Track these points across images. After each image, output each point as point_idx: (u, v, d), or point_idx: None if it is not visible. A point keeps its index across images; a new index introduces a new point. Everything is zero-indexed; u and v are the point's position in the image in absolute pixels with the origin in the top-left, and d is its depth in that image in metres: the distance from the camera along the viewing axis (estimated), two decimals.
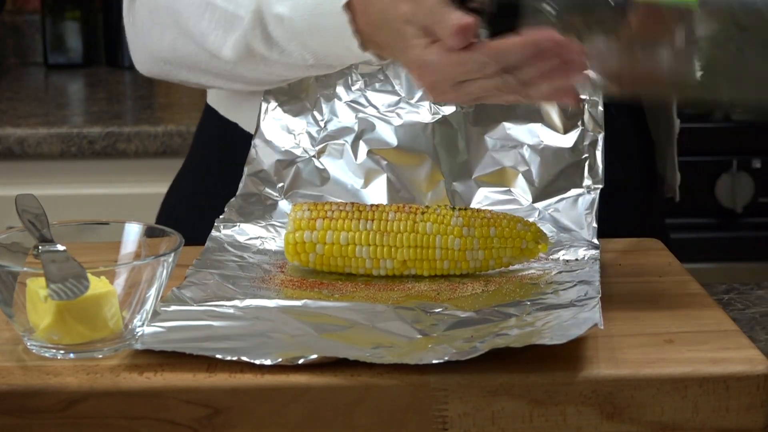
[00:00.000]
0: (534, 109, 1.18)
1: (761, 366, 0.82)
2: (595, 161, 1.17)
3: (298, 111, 1.19)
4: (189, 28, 1.12)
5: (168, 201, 1.34)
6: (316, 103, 1.19)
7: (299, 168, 1.16)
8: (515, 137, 1.18)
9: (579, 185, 1.16)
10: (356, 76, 1.20)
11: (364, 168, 1.16)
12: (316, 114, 1.18)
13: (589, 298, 0.92)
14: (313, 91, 1.18)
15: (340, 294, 0.98)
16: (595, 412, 0.81)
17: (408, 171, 1.17)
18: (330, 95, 1.18)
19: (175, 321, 0.89)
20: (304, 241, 1.02)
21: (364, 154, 1.17)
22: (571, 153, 1.17)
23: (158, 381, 0.81)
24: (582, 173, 1.17)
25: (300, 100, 1.19)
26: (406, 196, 1.16)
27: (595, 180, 1.16)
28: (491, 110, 1.19)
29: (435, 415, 0.81)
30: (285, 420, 0.81)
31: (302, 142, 1.17)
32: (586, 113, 1.19)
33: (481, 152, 1.18)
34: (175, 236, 0.91)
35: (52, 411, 0.80)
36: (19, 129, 2.06)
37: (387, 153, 1.17)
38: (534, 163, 1.17)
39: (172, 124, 2.10)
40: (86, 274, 0.82)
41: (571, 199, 1.16)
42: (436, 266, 1.02)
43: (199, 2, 1.11)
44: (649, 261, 1.06)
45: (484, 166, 1.17)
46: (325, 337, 0.87)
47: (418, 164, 1.17)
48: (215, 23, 1.11)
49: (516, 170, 1.17)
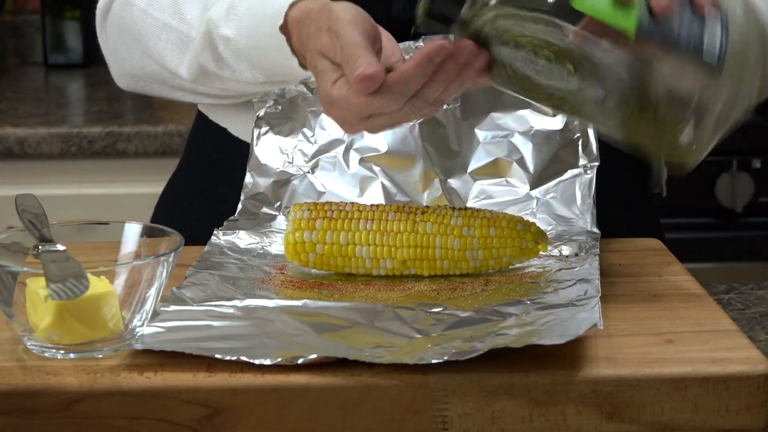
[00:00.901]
0: (520, 97, 1.18)
1: (761, 366, 0.82)
2: (588, 139, 1.16)
3: (289, 131, 1.20)
4: (149, 48, 1.16)
5: (163, 200, 1.35)
6: (306, 121, 1.19)
7: (294, 186, 1.17)
8: (505, 126, 1.18)
9: (575, 165, 1.16)
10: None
11: (357, 177, 1.17)
12: (306, 131, 1.18)
13: (589, 298, 0.92)
14: (302, 109, 1.19)
15: (340, 294, 0.98)
16: (595, 412, 0.81)
17: (401, 174, 1.17)
18: (317, 111, 1.19)
19: (175, 321, 0.89)
20: (303, 241, 1.02)
21: (356, 162, 1.17)
22: (562, 134, 1.17)
23: (158, 381, 0.81)
24: (576, 153, 1.16)
25: (290, 120, 1.19)
26: (403, 199, 1.16)
27: (591, 158, 1.16)
28: (478, 102, 1.19)
29: (435, 415, 0.81)
30: (285, 420, 0.81)
31: (295, 159, 1.18)
32: None
33: (472, 146, 1.18)
34: (175, 236, 0.91)
35: (52, 411, 0.80)
36: (19, 129, 2.06)
37: (378, 159, 1.17)
38: (526, 149, 1.17)
39: (172, 124, 2.10)
40: (86, 274, 0.82)
41: (568, 182, 1.15)
42: (436, 266, 1.02)
43: (156, 23, 1.15)
44: (649, 261, 1.06)
45: (477, 160, 1.17)
46: (325, 337, 0.87)
47: (410, 166, 1.17)
48: (171, 44, 1.14)
49: (510, 159, 1.17)
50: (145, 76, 1.21)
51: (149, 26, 1.16)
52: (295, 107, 1.20)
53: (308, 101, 1.19)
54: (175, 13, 1.14)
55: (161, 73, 1.18)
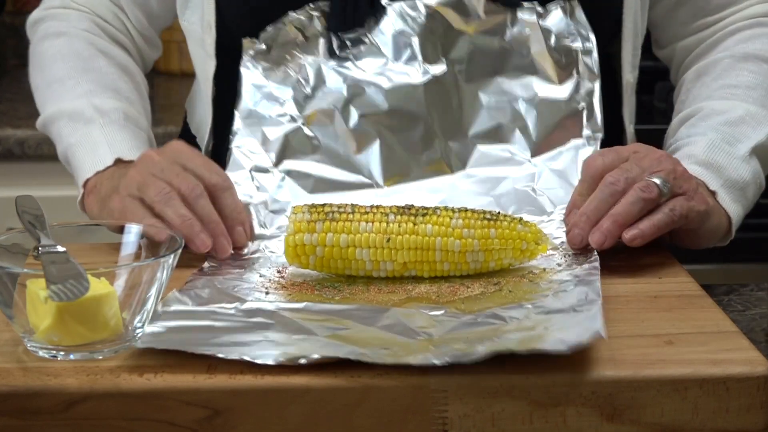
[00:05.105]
0: (527, 63, 1.17)
1: (761, 367, 0.82)
2: (593, 110, 1.15)
3: (283, 78, 1.18)
4: (36, 75, 1.30)
5: None
6: (301, 69, 1.17)
7: (288, 138, 1.15)
8: (509, 91, 1.17)
9: (578, 135, 1.15)
10: (339, 41, 1.18)
11: (356, 133, 1.15)
12: (301, 80, 1.16)
13: (590, 302, 0.91)
14: (297, 57, 1.17)
15: (341, 296, 0.98)
16: (595, 413, 0.81)
17: (402, 134, 1.15)
18: (315, 61, 1.17)
19: (177, 321, 0.89)
20: (304, 243, 1.02)
21: (355, 119, 1.15)
22: (567, 104, 1.16)
23: (158, 382, 0.81)
24: (580, 123, 1.15)
25: (284, 66, 1.17)
26: (401, 158, 1.15)
27: (595, 129, 1.15)
28: (484, 65, 1.17)
29: (435, 417, 0.81)
30: (285, 421, 0.81)
31: (289, 110, 1.16)
32: (581, 62, 1.18)
33: (475, 109, 1.16)
34: (175, 237, 0.91)
35: (52, 412, 0.80)
36: (19, 130, 2.06)
37: (379, 117, 1.16)
38: (530, 117, 1.16)
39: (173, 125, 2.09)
40: (86, 275, 0.82)
41: (571, 153, 1.15)
42: (437, 268, 1.02)
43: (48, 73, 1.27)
44: (649, 262, 1.06)
45: (479, 124, 1.16)
46: (327, 338, 0.87)
47: (411, 126, 1.16)
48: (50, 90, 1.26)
49: (512, 125, 1.16)
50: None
51: (47, 67, 1.27)
52: (288, 52, 1.18)
53: (303, 48, 1.17)
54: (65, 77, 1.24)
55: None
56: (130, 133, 1.18)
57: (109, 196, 1.08)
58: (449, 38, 1.18)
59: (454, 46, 1.18)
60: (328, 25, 1.19)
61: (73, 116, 1.19)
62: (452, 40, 1.18)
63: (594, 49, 1.18)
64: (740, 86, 1.19)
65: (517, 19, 1.18)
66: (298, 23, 1.18)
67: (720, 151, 1.12)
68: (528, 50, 1.18)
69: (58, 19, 1.31)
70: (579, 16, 1.19)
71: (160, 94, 2.40)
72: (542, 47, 1.18)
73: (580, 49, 1.17)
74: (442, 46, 1.18)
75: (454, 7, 1.18)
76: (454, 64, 1.17)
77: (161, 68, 2.59)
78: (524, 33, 1.18)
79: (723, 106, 1.18)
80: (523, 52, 1.18)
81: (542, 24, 1.18)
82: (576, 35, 1.18)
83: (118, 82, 1.24)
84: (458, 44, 1.18)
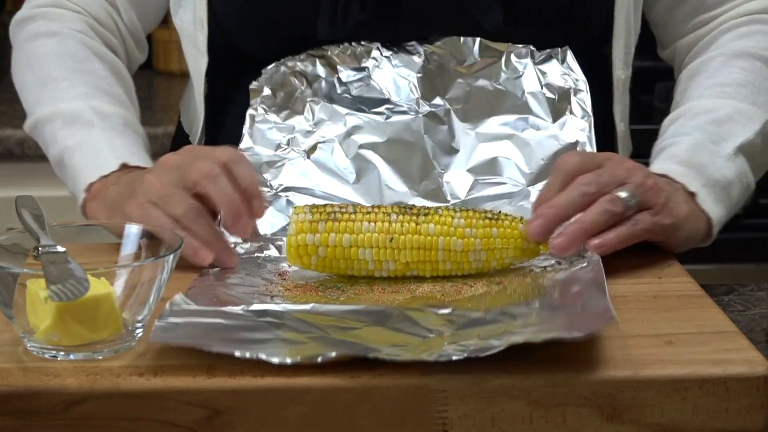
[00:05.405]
0: (521, 103, 1.21)
1: (761, 367, 0.82)
2: (586, 146, 1.17)
3: (287, 117, 1.20)
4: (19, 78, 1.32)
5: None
6: (305, 109, 1.20)
7: (289, 167, 1.17)
8: (504, 128, 1.20)
9: None
10: (341, 87, 1.22)
11: (355, 163, 1.17)
12: (305, 117, 1.19)
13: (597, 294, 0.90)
14: (302, 100, 1.20)
15: (345, 297, 0.98)
16: (595, 413, 0.81)
17: (400, 163, 1.17)
18: (318, 101, 1.20)
19: (187, 318, 0.88)
20: (306, 243, 1.02)
21: (354, 149, 1.17)
22: (561, 139, 1.18)
23: (158, 382, 0.81)
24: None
25: (288, 108, 1.20)
26: (400, 189, 1.16)
27: None
28: (479, 105, 1.21)
29: (435, 417, 0.81)
30: (285, 421, 0.81)
31: (291, 143, 1.18)
32: (573, 102, 1.20)
33: (471, 145, 1.19)
34: (175, 237, 0.91)
35: (52, 412, 0.80)
36: (19, 130, 2.06)
37: (377, 147, 1.18)
38: (525, 151, 1.18)
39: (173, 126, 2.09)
40: (86, 275, 0.82)
41: None
42: (439, 267, 1.02)
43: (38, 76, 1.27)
44: (649, 262, 1.06)
45: (476, 158, 1.18)
46: (339, 337, 0.86)
47: (409, 156, 1.18)
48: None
49: (508, 160, 1.17)
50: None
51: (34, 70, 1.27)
52: (292, 97, 1.21)
53: (307, 93, 1.21)
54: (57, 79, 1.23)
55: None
56: (130, 139, 1.18)
57: (122, 203, 1.07)
58: (446, 80, 1.23)
59: (451, 87, 1.22)
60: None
61: (69, 118, 1.19)
62: (448, 81, 1.23)
63: (586, 90, 1.21)
64: (731, 84, 1.20)
65: (511, 61, 1.23)
66: (302, 69, 1.23)
67: (703, 150, 1.12)
68: (522, 91, 1.22)
69: (49, 19, 1.30)
70: (571, 63, 1.23)
71: (160, 94, 2.40)
72: (536, 87, 1.22)
73: (572, 88, 1.20)
74: (439, 87, 1.23)
75: (451, 49, 1.23)
76: (451, 102, 1.21)
77: (161, 68, 2.59)
78: (518, 74, 1.22)
79: (711, 105, 1.18)
80: (517, 93, 1.22)
81: (536, 65, 1.23)
82: (569, 76, 1.22)
83: (113, 87, 1.24)
84: (454, 85, 1.22)
